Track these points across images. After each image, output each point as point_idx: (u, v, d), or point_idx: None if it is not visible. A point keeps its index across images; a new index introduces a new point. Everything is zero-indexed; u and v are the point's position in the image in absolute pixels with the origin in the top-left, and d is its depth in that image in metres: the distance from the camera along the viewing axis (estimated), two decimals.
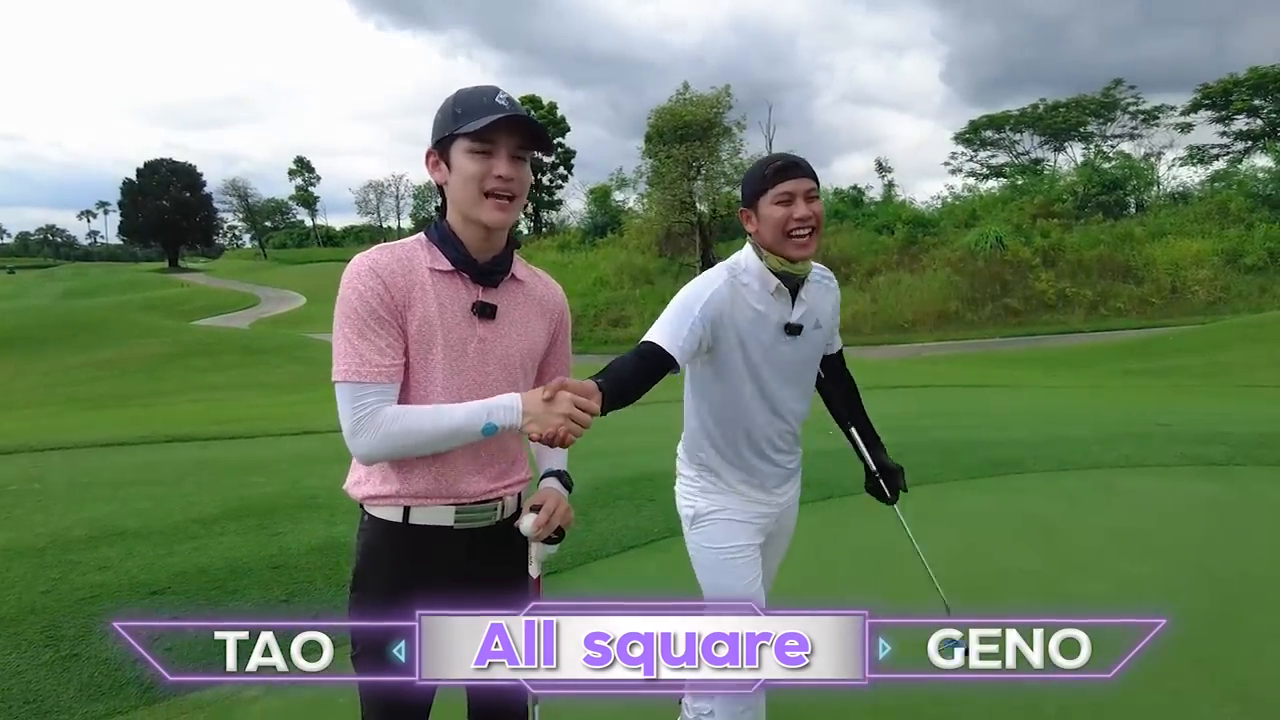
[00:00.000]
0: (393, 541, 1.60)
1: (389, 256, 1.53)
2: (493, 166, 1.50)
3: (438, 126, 1.55)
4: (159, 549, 4.08)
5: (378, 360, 1.49)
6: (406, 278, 1.52)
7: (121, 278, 67.75)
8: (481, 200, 1.51)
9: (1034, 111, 45.05)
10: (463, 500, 1.61)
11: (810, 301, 2.09)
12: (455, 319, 1.56)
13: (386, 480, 1.59)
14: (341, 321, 1.50)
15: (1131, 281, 28.18)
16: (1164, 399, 12.28)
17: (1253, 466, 6.49)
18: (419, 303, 1.52)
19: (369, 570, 1.62)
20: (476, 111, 1.49)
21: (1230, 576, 4.03)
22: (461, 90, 1.56)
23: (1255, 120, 38.61)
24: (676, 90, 36.25)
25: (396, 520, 1.59)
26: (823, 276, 2.17)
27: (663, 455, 7.03)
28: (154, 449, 7.59)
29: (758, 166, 2.02)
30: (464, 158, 1.50)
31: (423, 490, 1.58)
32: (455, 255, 1.56)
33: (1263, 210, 30.10)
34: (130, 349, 24.71)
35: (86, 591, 3.53)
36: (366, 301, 1.48)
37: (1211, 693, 2.88)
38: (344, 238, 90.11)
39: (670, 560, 4.43)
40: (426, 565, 1.61)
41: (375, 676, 1.58)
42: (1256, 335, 19.02)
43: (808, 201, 1.95)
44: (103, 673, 2.93)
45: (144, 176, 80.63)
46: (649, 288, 35.95)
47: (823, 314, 2.14)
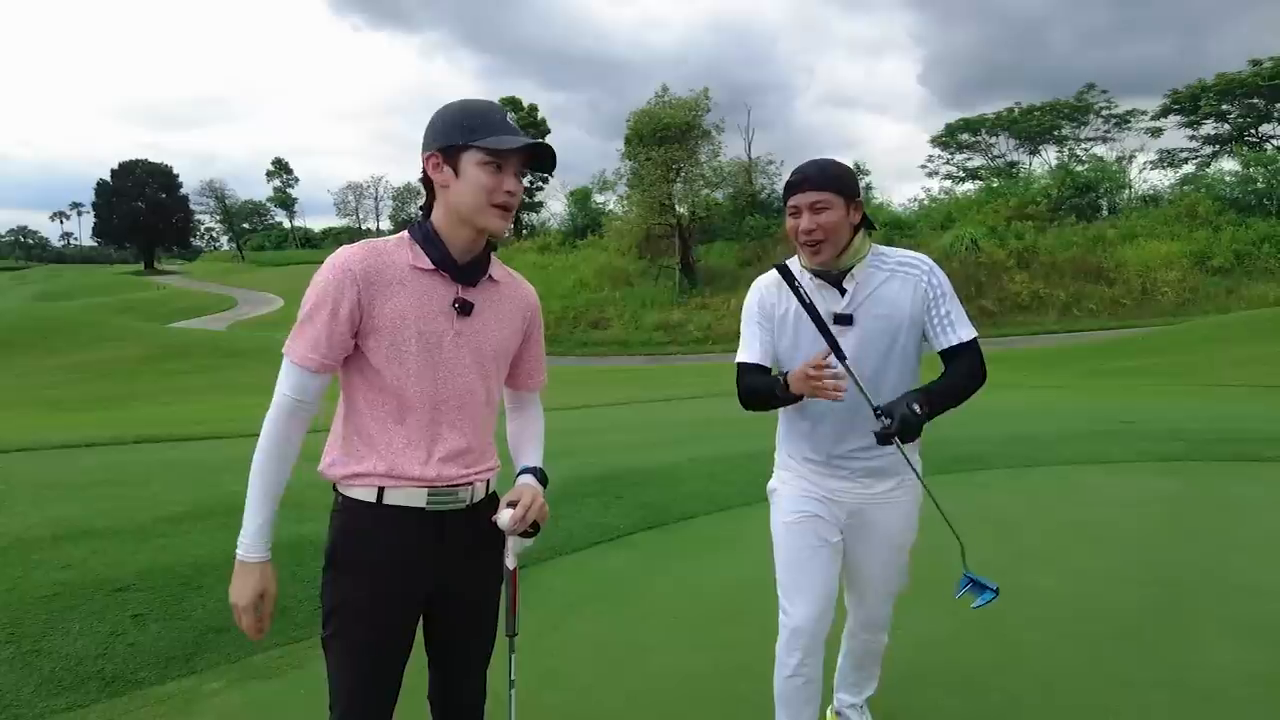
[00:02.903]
0: (367, 521, 1.66)
1: (367, 252, 1.63)
2: (503, 181, 1.61)
3: (442, 132, 1.62)
4: (124, 547, 4.08)
5: (312, 347, 1.61)
6: (380, 274, 1.61)
7: (96, 280, 66.77)
8: (488, 209, 1.62)
9: (1009, 115, 45.60)
10: (436, 484, 1.68)
11: (869, 291, 2.11)
12: (433, 313, 1.64)
13: (361, 460, 1.66)
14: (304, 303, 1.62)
15: (1103, 283, 28.59)
16: (1129, 398, 12.52)
17: (1208, 462, 6.66)
18: (394, 297, 1.61)
19: (344, 549, 1.68)
20: (490, 128, 1.60)
21: (1178, 566, 4.16)
22: (468, 103, 1.65)
23: (1223, 125, 39.34)
24: (655, 93, 36.41)
25: (371, 500, 1.66)
26: (898, 265, 2.14)
27: (630, 454, 7.13)
28: (122, 450, 7.55)
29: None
30: (476, 169, 1.60)
31: (397, 471, 1.65)
32: (437, 255, 1.64)
33: (1229, 213, 30.67)
34: (105, 352, 24.41)
35: (49, 589, 3.53)
36: (328, 294, 1.60)
37: (1149, 680, 2.98)
38: (323, 239, 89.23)
39: (637, 556, 4.51)
40: (399, 545, 1.67)
41: (349, 656, 1.66)
42: (1221, 336, 19.38)
43: (813, 213, 2.04)
44: (64, 668, 2.95)
45: (119, 177, 79.44)
46: (629, 289, 36.00)
47: (894, 303, 2.10)
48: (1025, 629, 3.40)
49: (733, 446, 7.18)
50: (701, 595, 3.93)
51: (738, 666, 3.06)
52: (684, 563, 4.45)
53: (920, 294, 2.11)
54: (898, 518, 2.26)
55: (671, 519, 5.16)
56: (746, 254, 37.74)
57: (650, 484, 5.87)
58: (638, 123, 35.50)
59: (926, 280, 2.11)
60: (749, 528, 5.01)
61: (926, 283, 2.11)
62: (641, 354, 30.08)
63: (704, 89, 35.70)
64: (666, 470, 6.32)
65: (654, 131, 34.66)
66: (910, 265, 2.14)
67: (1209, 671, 3.00)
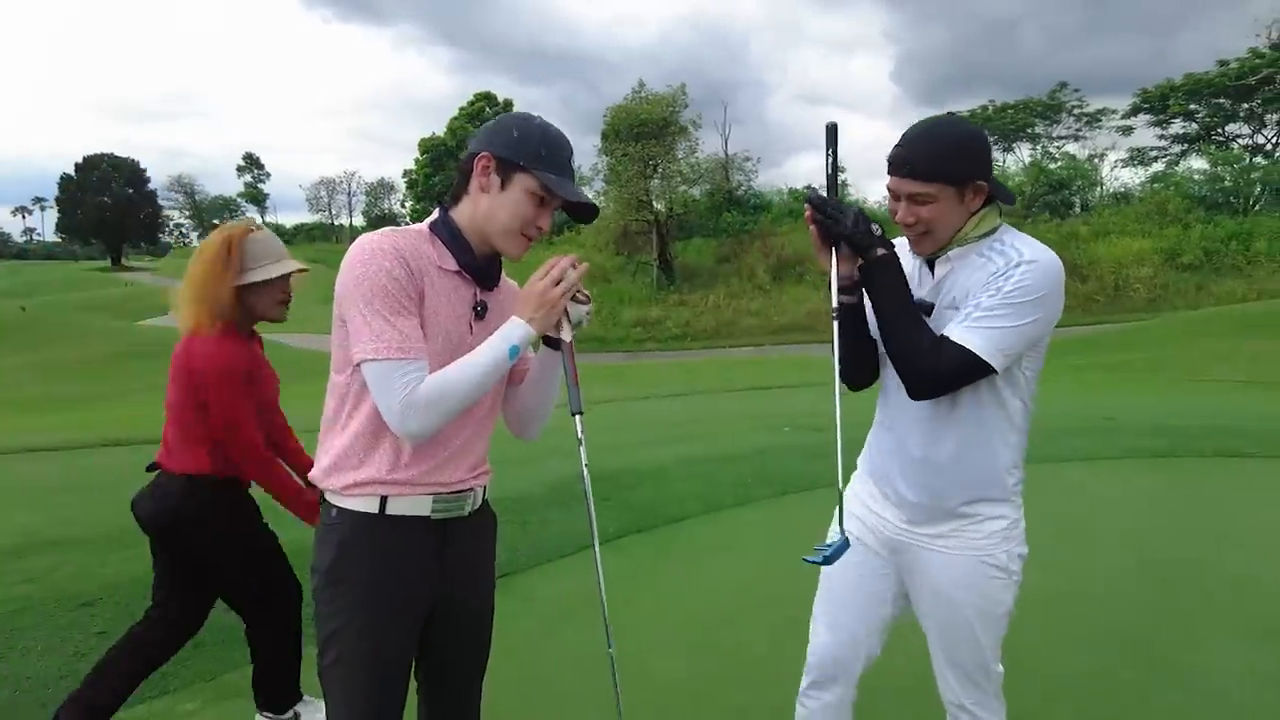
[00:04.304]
0: (368, 535, 1.54)
1: (407, 243, 1.50)
2: (540, 216, 1.56)
3: (512, 144, 1.53)
4: (91, 559, 3.90)
5: (416, 337, 1.47)
6: (420, 266, 1.50)
7: (60, 276, 65.34)
8: (516, 236, 1.56)
9: (983, 112, 45.98)
10: (439, 490, 1.58)
11: (956, 276, 1.70)
12: (457, 315, 1.57)
13: (361, 467, 1.53)
14: (370, 299, 1.44)
15: (1077, 279, 28.91)
16: (1110, 394, 12.63)
17: (1192, 458, 6.70)
18: (429, 294, 1.52)
19: (343, 565, 1.54)
20: (558, 166, 1.55)
21: (1172, 565, 4.14)
22: (550, 130, 1.58)
23: (1191, 124, 39.95)
24: (632, 88, 36.28)
25: (372, 511, 1.53)
26: (998, 252, 1.66)
27: (616, 454, 7.01)
28: (91, 453, 7.30)
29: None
30: (524, 195, 1.53)
31: (401, 478, 1.53)
32: (465, 259, 1.57)
33: (1198, 211, 31.24)
34: (70, 350, 23.84)
35: (11, 605, 3.35)
36: (397, 280, 1.45)
37: (1141, 669, 2.96)
38: (295, 235, 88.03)
39: (626, 561, 4.38)
40: (403, 558, 1.56)
41: (356, 684, 1.54)
42: (1193, 332, 19.67)
43: (913, 204, 1.65)
44: (23, 692, 2.79)
45: (83, 172, 77.98)
46: (606, 286, 35.85)
47: (966, 291, 1.66)
48: (1025, 632, 3.34)
49: (720, 446, 7.09)
50: (695, 603, 3.81)
51: (735, 677, 2.96)
52: (676, 568, 4.34)
53: (985, 280, 1.63)
54: (958, 575, 1.76)
55: (661, 521, 5.04)
56: (724, 250, 37.77)
57: (639, 485, 5.76)
58: (614, 118, 35.35)
59: (1004, 270, 1.61)
60: (741, 531, 4.93)
61: (1003, 273, 1.61)
62: (619, 351, 29.96)
63: (681, 84, 35.71)
64: (654, 471, 6.21)
65: (631, 127, 34.53)
66: (1003, 252, 1.65)
67: (1213, 675, 2.97)
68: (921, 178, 1.62)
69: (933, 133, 1.65)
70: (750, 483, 5.83)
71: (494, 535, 1.82)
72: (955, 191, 1.64)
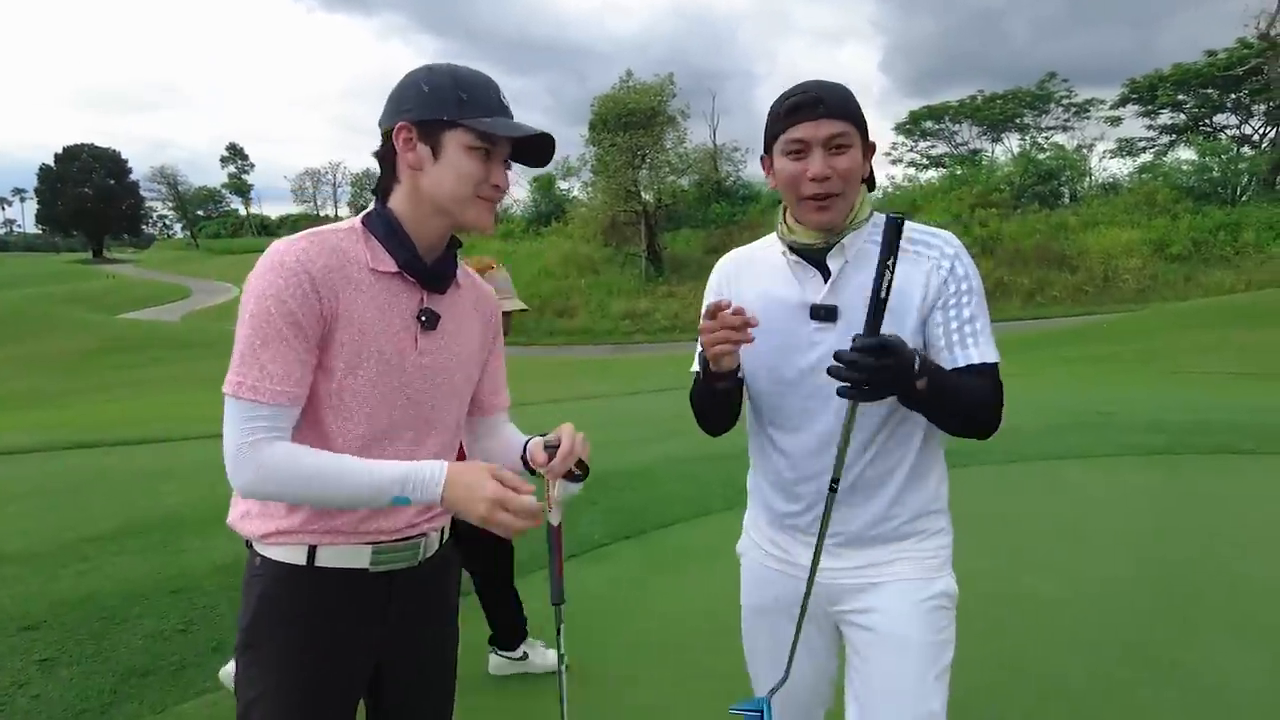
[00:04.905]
0: (293, 590, 1.31)
1: (321, 250, 1.26)
2: (491, 171, 1.32)
3: (424, 102, 1.28)
4: (40, 574, 3.67)
5: (281, 377, 1.22)
6: (341, 276, 1.26)
7: (41, 268, 64.32)
8: (474, 201, 1.32)
9: (972, 103, 45.84)
10: (381, 538, 1.34)
11: (859, 274, 1.47)
12: (394, 329, 1.31)
13: (289, 513, 1.29)
14: (248, 321, 1.21)
15: (1066, 270, 28.88)
16: (1104, 386, 12.51)
17: (1189, 455, 6.57)
18: (353, 309, 1.27)
19: (264, 626, 1.32)
20: (487, 107, 1.29)
21: (1172, 565, 4.03)
22: (459, 70, 1.32)
23: (1179, 115, 39.92)
24: (620, 78, 35.94)
25: (299, 563, 1.30)
26: (909, 242, 1.49)
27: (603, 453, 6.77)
28: (53, 457, 7.00)
29: (776, 101, 1.49)
30: (462, 153, 1.28)
31: (334, 525, 1.30)
32: (405, 256, 1.31)
33: (1186, 201, 31.20)
34: (50, 344, 23.41)
35: None
36: (285, 304, 1.21)
37: (1136, 668, 2.90)
38: (279, 226, 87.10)
39: (615, 573, 4.19)
40: (335, 619, 1.32)
41: None
42: (1182, 323, 19.60)
43: (830, 152, 1.42)
44: None
45: (63, 162, 76.90)
46: (595, 277, 35.59)
47: (899, 294, 1.41)
48: (1025, 635, 3.26)
49: (709, 445, 6.88)
50: (686, 616, 3.62)
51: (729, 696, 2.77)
52: (666, 579, 4.14)
53: (937, 283, 1.46)
54: (904, 607, 1.50)
55: (650, 526, 4.86)
56: (713, 241, 37.50)
57: (626, 487, 5.57)
58: (602, 108, 34.99)
59: (949, 267, 1.46)
60: (733, 537, 4.72)
61: (949, 270, 1.46)
62: (608, 343, 29.75)
63: (669, 74, 35.37)
64: (642, 471, 6.03)
65: (619, 117, 34.19)
66: (927, 244, 1.49)
67: (1209, 674, 2.90)
68: (838, 116, 1.42)
69: (827, 84, 1.46)
70: (739, 484, 5.64)
71: (457, 580, 1.58)
72: (861, 143, 1.46)
